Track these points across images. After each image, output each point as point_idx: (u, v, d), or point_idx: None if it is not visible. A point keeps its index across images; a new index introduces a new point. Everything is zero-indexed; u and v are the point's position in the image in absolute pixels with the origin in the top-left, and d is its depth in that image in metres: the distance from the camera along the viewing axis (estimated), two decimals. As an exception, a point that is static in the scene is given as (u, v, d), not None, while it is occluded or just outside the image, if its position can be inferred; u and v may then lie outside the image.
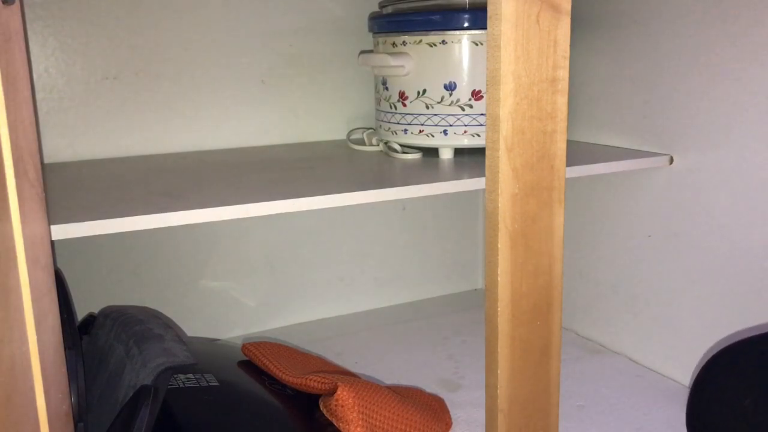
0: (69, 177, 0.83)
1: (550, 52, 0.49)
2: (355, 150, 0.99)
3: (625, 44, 0.92)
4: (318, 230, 1.10)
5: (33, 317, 0.46)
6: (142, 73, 0.95)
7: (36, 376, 0.47)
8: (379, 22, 0.91)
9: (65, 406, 0.56)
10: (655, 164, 0.88)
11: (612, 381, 0.91)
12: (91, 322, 0.83)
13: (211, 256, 1.04)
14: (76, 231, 0.60)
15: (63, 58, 0.91)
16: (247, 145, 1.03)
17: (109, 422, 0.63)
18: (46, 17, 0.89)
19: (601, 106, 0.97)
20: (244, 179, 0.81)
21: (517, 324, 0.53)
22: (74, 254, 0.93)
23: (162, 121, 0.97)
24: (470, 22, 0.84)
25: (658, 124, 0.89)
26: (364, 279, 1.15)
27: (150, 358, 0.67)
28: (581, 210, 1.01)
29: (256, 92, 1.02)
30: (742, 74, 0.78)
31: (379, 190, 0.73)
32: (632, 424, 0.81)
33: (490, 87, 0.49)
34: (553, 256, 0.54)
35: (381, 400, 0.70)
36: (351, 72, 1.06)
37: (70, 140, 0.93)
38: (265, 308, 1.08)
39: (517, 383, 0.55)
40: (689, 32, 0.83)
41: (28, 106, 0.49)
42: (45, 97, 0.91)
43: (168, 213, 0.64)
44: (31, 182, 0.49)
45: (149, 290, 1.00)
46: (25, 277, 0.46)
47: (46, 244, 0.54)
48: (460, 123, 0.86)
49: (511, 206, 0.51)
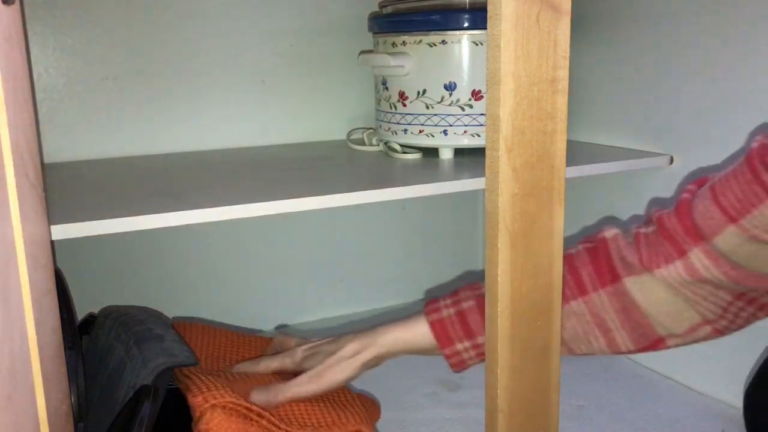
0: (69, 177, 0.83)
1: (550, 52, 0.49)
2: (355, 150, 0.99)
3: (625, 44, 0.92)
4: (318, 230, 1.10)
5: (33, 317, 0.46)
6: (142, 73, 0.95)
7: (36, 376, 0.47)
8: (379, 22, 0.91)
9: (65, 406, 0.56)
10: (655, 164, 0.88)
11: (612, 381, 0.91)
12: (91, 322, 0.83)
13: (211, 256, 1.04)
14: (76, 231, 0.60)
15: (63, 58, 0.91)
16: (247, 145, 1.03)
17: (109, 422, 0.63)
18: (46, 17, 0.89)
19: (601, 106, 0.97)
20: (244, 179, 0.81)
21: (517, 324, 0.53)
22: (74, 254, 0.93)
23: (162, 121, 0.97)
24: (470, 22, 0.83)
25: (658, 124, 0.89)
26: (364, 279, 1.15)
27: (150, 358, 0.67)
28: (581, 210, 1.01)
29: (256, 92, 1.02)
30: (742, 74, 0.78)
31: (379, 190, 0.73)
32: (632, 424, 0.81)
33: (490, 87, 0.49)
34: (553, 256, 0.54)
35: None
36: (351, 72, 1.06)
37: (70, 140, 0.93)
38: (265, 308, 1.08)
39: (517, 383, 0.54)
40: (689, 32, 0.83)
41: (28, 106, 0.49)
42: (45, 97, 0.91)
43: (168, 213, 0.64)
44: (31, 182, 0.49)
45: (149, 290, 1.00)
46: (25, 277, 0.46)
47: (46, 244, 0.54)
48: (460, 123, 0.86)
49: (511, 206, 0.51)
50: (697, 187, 0.64)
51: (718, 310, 0.62)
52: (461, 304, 0.70)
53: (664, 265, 0.62)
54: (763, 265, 0.58)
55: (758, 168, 0.56)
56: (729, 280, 0.59)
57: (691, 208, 0.61)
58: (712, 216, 0.59)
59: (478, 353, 0.70)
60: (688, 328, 0.64)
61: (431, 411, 0.85)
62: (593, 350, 0.67)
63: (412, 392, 0.89)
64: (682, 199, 0.63)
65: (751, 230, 0.56)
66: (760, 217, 0.56)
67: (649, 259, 0.63)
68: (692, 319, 0.63)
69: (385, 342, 0.73)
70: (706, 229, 0.59)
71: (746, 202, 0.56)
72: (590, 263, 0.66)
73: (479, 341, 0.69)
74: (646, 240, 0.64)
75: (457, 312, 0.70)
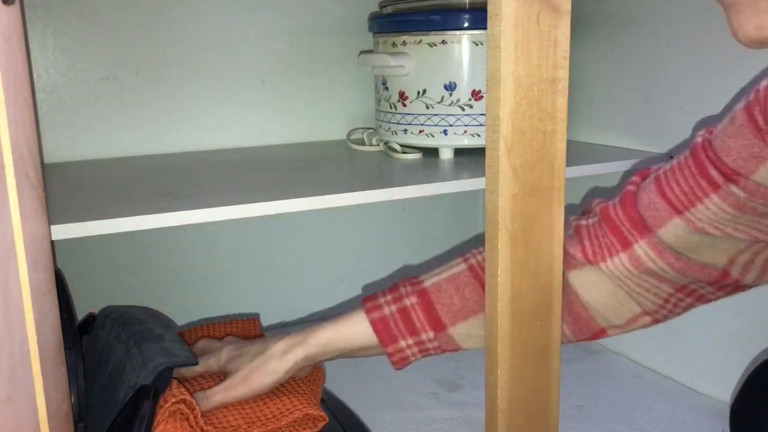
0: (69, 177, 0.83)
1: (550, 52, 0.49)
2: (355, 150, 0.99)
3: (625, 44, 0.92)
4: (318, 230, 1.10)
5: (33, 317, 0.46)
6: (142, 73, 0.95)
7: (36, 376, 0.47)
8: (379, 22, 0.91)
9: (65, 406, 0.56)
10: (654, 164, 0.88)
11: (612, 381, 0.91)
12: (91, 322, 0.83)
13: (211, 256, 1.04)
14: (76, 231, 0.60)
15: (63, 58, 0.91)
16: (247, 145, 1.03)
17: (109, 422, 0.63)
18: (46, 17, 0.89)
19: (601, 106, 0.97)
20: (244, 179, 0.81)
21: (517, 324, 0.53)
22: (74, 254, 0.93)
23: (162, 121, 0.97)
24: (470, 22, 0.83)
25: (658, 124, 0.89)
26: (364, 279, 1.15)
27: (150, 358, 0.67)
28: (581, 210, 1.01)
29: (256, 92, 1.02)
30: (742, 74, 0.78)
31: (379, 190, 0.73)
32: (632, 424, 0.81)
33: (490, 87, 0.49)
34: (553, 256, 0.54)
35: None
36: (351, 72, 1.06)
37: (70, 140, 0.93)
38: (265, 308, 1.07)
39: (517, 383, 0.54)
40: (689, 32, 0.83)
41: (28, 106, 0.49)
42: (45, 97, 0.91)
43: (168, 213, 0.64)
44: (31, 182, 0.48)
45: (149, 290, 1.00)
46: (25, 277, 0.46)
47: (46, 244, 0.54)
48: (460, 123, 0.86)
49: (511, 206, 0.51)
50: (641, 179, 0.64)
51: (659, 301, 0.63)
52: (403, 300, 0.68)
53: (609, 257, 0.62)
54: (705, 257, 0.59)
55: (704, 161, 0.57)
56: (673, 270, 0.60)
57: (636, 199, 0.61)
58: (657, 208, 0.59)
59: (421, 350, 0.68)
60: (629, 319, 0.64)
61: (431, 411, 0.85)
62: None
63: (412, 392, 0.89)
64: (627, 191, 0.63)
65: (696, 223, 0.57)
66: (704, 210, 0.56)
67: (593, 253, 0.63)
68: (633, 310, 0.64)
69: (317, 341, 0.70)
70: (651, 221, 0.60)
71: (692, 195, 0.57)
72: None
73: (423, 338, 0.67)
74: (587, 232, 0.64)
75: (399, 309, 0.68)
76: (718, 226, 0.57)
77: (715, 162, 0.56)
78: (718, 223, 0.56)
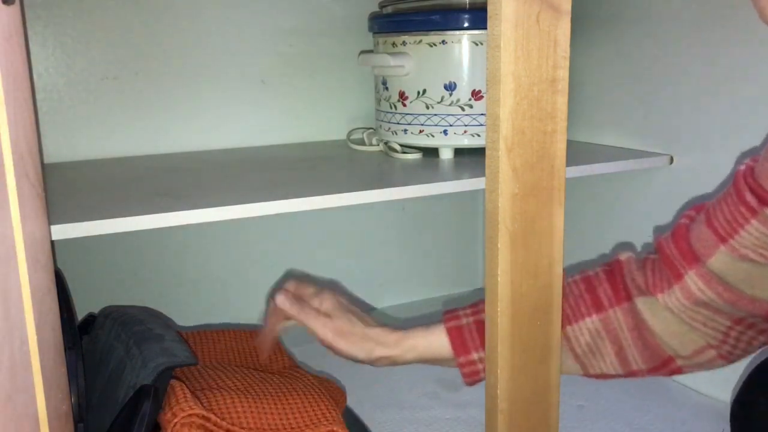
0: (69, 177, 0.83)
1: (550, 52, 0.49)
2: (355, 150, 0.99)
3: (625, 44, 0.92)
4: (317, 230, 1.10)
5: (33, 317, 0.46)
6: (142, 73, 0.95)
7: (36, 376, 0.47)
8: (379, 22, 0.91)
9: (65, 406, 0.56)
10: (655, 164, 0.88)
11: (612, 381, 0.91)
12: (91, 322, 0.83)
13: (211, 256, 1.04)
14: (76, 231, 0.60)
15: (63, 58, 0.91)
16: (247, 145, 1.03)
17: (109, 422, 0.63)
18: (46, 17, 0.89)
19: (601, 106, 0.97)
20: (244, 179, 0.81)
21: (517, 324, 0.53)
22: (74, 254, 0.93)
23: (162, 121, 0.97)
24: (470, 22, 0.83)
25: (658, 124, 0.89)
26: (364, 279, 1.15)
27: (150, 358, 0.67)
28: (581, 210, 1.01)
29: (256, 92, 1.02)
30: (742, 75, 0.78)
31: (379, 190, 0.73)
32: (632, 424, 0.81)
33: (490, 87, 0.49)
34: (553, 256, 0.54)
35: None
36: (351, 72, 1.06)
37: (70, 140, 0.93)
38: (264, 308, 1.07)
39: (517, 383, 0.54)
40: (689, 33, 0.83)
41: (28, 106, 0.49)
42: (45, 97, 0.91)
43: (168, 213, 0.64)
44: (31, 182, 0.48)
45: (149, 290, 1.00)
46: (25, 277, 0.46)
47: (46, 244, 0.54)
48: (460, 123, 0.86)
49: (511, 206, 0.51)
50: (695, 212, 0.65)
51: (719, 335, 0.63)
52: (481, 314, 0.69)
53: (666, 290, 0.63)
54: (754, 289, 0.59)
55: (742, 188, 0.58)
56: (722, 301, 0.60)
57: (687, 232, 0.63)
58: (706, 238, 0.60)
59: None
60: (693, 351, 0.65)
61: (431, 411, 0.85)
62: (605, 368, 0.68)
63: (412, 392, 0.89)
64: (680, 224, 0.65)
65: (740, 250, 0.58)
66: (747, 236, 0.57)
67: (653, 285, 0.64)
68: (696, 342, 0.64)
69: (404, 346, 0.71)
70: (700, 252, 0.61)
71: (734, 222, 0.58)
72: (606, 281, 0.67)
73: None
74: (652, 265, 0.65)
75: (475, 321, 0.69)
76: (762, 252, 0.57)
77: (752, 186, 0.57)
78: (760, 248, 0.57)
